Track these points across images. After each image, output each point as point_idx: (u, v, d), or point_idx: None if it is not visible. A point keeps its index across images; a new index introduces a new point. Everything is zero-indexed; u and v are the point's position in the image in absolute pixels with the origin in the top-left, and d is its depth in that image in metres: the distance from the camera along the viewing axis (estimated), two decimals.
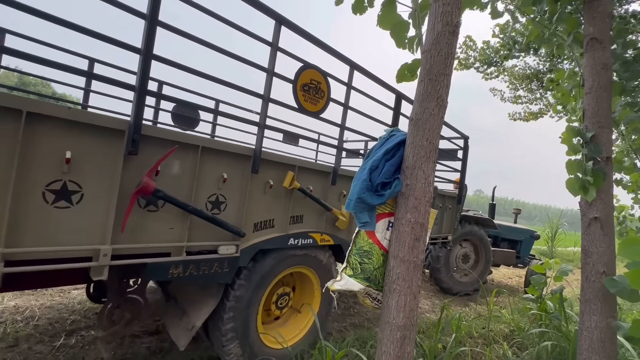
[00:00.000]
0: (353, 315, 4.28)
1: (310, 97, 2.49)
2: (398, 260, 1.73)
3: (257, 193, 2.29)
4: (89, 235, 1.58)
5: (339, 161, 2.82)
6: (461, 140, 5.00)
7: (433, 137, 1.74)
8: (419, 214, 1.72)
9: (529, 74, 8.70)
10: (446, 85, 1.76)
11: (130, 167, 1.68)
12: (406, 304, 1.70)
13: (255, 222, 2.32)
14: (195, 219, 1.94)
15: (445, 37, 1.74)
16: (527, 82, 8.89)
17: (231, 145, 2.09)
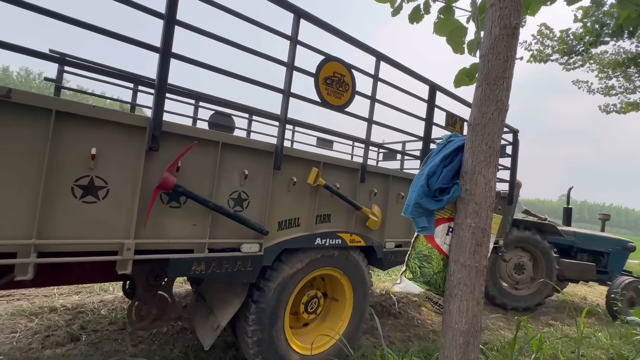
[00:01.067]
0: (417, 325, 4.03)
1: (334, 90, 2.40)
2: (459, 265, 1.74)
3: (280, 190, 2.23)
4: (114, 230, 1.63)
5: (366, 157, 2.66)
6: (510, 135, 4.53)
7: (493, 141, 1.71)
8: (479, 219, 1.71)
9: (624, 59, 7.54)
10: (506, 88, 1.72)
11: (152, 163, 1.71)
12: (469, 310, 1.68)
13: (279, 221, 2.26)
14: (217, 216, 1.93)
15: (503, 40, 1.71)
16: (621, 69, 7.71)
17: (252, 141, 2.07)
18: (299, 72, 2.20)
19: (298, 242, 2.32)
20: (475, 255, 1.71)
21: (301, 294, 2.57)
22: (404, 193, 3.03)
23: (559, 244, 5.87)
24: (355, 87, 2.53)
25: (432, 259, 1.89)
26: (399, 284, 1.99)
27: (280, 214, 2.25)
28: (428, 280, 1.89)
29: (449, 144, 2.01)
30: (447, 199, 1.81)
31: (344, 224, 2.62)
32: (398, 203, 3.04)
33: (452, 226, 1.89)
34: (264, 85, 2.10)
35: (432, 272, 1.88)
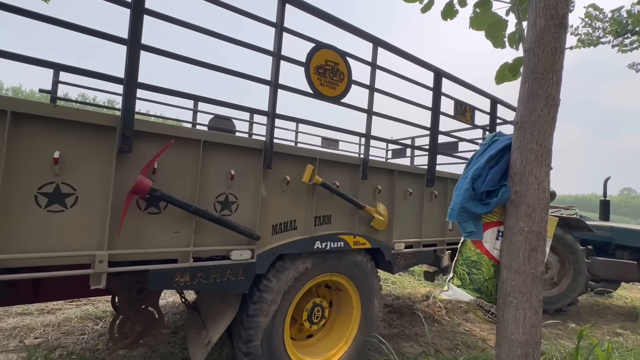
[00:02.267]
0: (464, 333, 3.77)
1: (327, 80, 2.21)
2: (512, 272, 1.65)
3: (272, 191, 2.05)
4: (85, 241, 1.48)
5: (367, 151, 2.45)
6: None
7: (544, 139, 1.63)
8: (533, 222, 1.62)
9: None
10: (556, 82, 1.63)
11: (125, 166, 1.56)
12: (526, 319, 1.59)
13: (274, 224, 2.07)
14: (202, 222, 1.76)
15: (550, 32, 1.61)
16: None
17: (237, 139, 1.90)
18: (287, 61, 2.02)
19: (295, 247, 2.12)
20: (530, 261, 1.61)
21: (303, 303, 2.37)
22: (412, 189, 2.79)
23: (595, 241, 5.39)
24: (352, 76, 2.33)
25: (482, 265, 1.81)
26: (446, 291, 1.91)
27: (274, 217, 2.07)
28: (478, 287, 1.80)
29: (493, 144, 1.91)
30: (496, 201, 1.72)
31: (346, 225, 2.41)
32: (406, 200, 2.81)
33: (502, 230, 1.80)
34: (247, 77, 1.93)
35: (483, 279, 1.79)
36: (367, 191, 2.53)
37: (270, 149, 1.95)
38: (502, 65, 2.44)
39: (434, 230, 3.07)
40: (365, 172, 2.44)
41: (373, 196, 2.58)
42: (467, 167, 1.95)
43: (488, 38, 2.60)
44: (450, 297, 1.88)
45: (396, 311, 4.19)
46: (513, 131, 1.79)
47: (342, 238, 2.34)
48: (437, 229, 3.10)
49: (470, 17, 2.58)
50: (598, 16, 7.19)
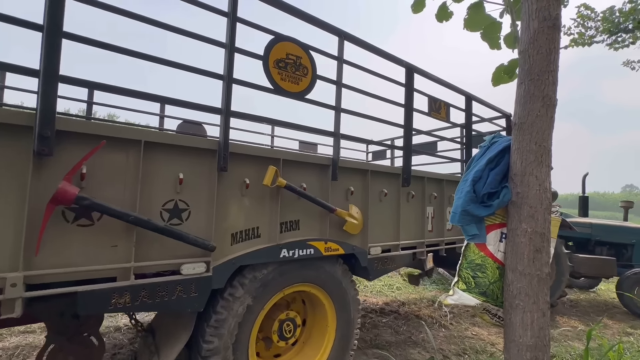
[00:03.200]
0: (472, 337, 3.66)
1: (290, 74, 2.06)
2: (517, 274, 1.65)
3: (230, 196, 1.86)
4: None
5: (337, 151, 2.30)
6: (502, 120, 4.18)
7: (543, 139, 1.63)
8: (536, 223, 1.62)
9: None
10: (552, 82, 1.64)
11: (45, 172, 1.34)
12: (533, 322, 1.58)
13: (233, 233, 1.88)
14: (145, 233, 1.55)
15: (544, 33, 1.63)
16: None
17: (186, 138, 1.71)
18: (241, 54, 1.86)
19: (258, 256, 1.93)
20: (535, 263, 1.60)
21: (271, 318, 2.17)
22: (387, 190, 2.65)
23: (574, 238, 5.39)
24: (316, 71, 2.18)
25: (487, 268, 1.79)
26: (451, 296, 1.88)
27: (233, 225, 1.87)
28: (484, 290, 1.78)
29: (492, 145, 1.91)
30: (497, 203, 1.72)
31: (316, 231, 2.24)
32: (381, 202, 2.67)
33: (505, 232, 1.79)
34: (196, 71, 1.75)
35: (488, 282, 1.78)
36: (338, 193, 2.37)
37: (225, 150, 1.76)
38: (497, 67, 2.45)
39: (413, 232, 2.94)
40: (335, 173, 2.28)
41: (345, 198, 2.42)
42: (467, 170, 1.93)
43: (484, 40, 2.61)
44: (456, 301, 1.85)
45: (402, 317, 4.11)
46: (512, 132, 1.79)
47: (312, 244, 2.17)
48: (416, 230, 2.97)
49: (464, 19, 2.58)
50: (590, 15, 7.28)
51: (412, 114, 2.80)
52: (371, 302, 4.76)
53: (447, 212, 3.31)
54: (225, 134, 1.76)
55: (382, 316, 4.11)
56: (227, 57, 1.78)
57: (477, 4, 2.51)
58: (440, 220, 3.21)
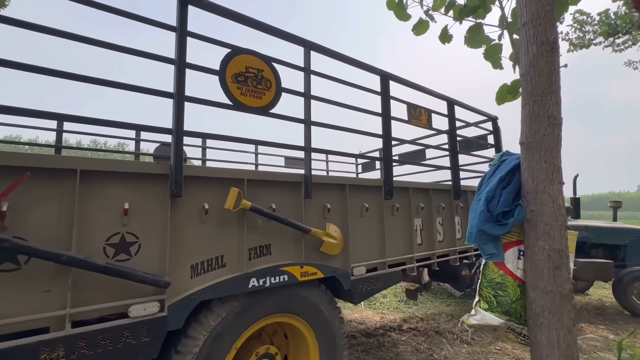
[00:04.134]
0: (496, 353, 3.46)
1: (251, 89, 1.92)
2: (539, 292, 1.65)
3: (187, 224, 1.69)
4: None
5: (309, 166, 2.14)
6: (489, 124, 4.07)
7: (552, 157, 1.67)
8: (553, 240, 1.63)
9: None
10: (555, 102, 1.68)
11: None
12: (560, 340, 1.57)
13: (193, 264, 1.69)
14: (83, 274, 1.37)
15: (543, 57, 1.69)
16: None
17: (128, 163, 1.55)
18: (193, 69, 1.73)
19: (223, 289, 1.74)
20: (556, 280, 1.61)
21: (248, 353, 1.95)
22: (368, 204, 2.49)
23: None
24: (281, 84, 2.06)
25: (507, 287, 1.80)
26: (474, 316, 1.86)
27: (192, 255, 1.69)
28: (507, 309, 1.78)
29: (502, 164, 1.95)
30: (512, 221, 1.73)
31: (291, 254, 2.06)
32: (363, 217, 2.50)
33: (523, 249, 1.80)
34: (144, 90, 1.61)
35: (510, 301, 1.78)
36: (314, 212, 2.20)
37: (178, 174, 1.60)
38: (501, 87, 2.54)
39: (400, 247, 2.75)
40: (307, 190, 2.11)
41: (322, 216, 2.25)
42: (479, 190, 1.96)
43: (487, 59, 2.73)
44: (479, 321, 1.83)
45: (422, 334, 3.96)
46: (520, 151, 1.81)
47: (286, 270, 1.98)
48: (404, 245, 2.79)
49: (464, 37, 2.71)
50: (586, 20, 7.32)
51: (390, 122, 2.67)
52: (388, 319, 4.57)
53: (436, 222, 3.14)
54: (177, 156, 1.61)
55: (400, 334, 3.97)
56: (177, 74, 1.65)
57: (476, 26, 2.66)
58: (429, 233, 3.03)
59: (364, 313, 4.84)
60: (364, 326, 4.25)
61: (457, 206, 3.37)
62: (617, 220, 6.01)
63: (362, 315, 4.76)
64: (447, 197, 3.28)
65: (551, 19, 1.71)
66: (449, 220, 3.26)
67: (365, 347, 3.51)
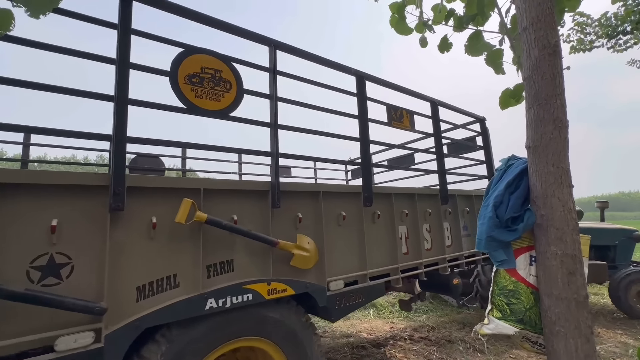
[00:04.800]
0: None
1: (207, 91, 1.78)
2: (553, 299, 1.62)
3: (132, 240, 1.51)
4: None
5: (276, 173, 1.98)
6: (477, 125, 3.93)
7: (560, 160, 1.65)
8: (565, 245, 1.61)
9: None
10: (561, 105, 1.68)
11: None
12: (578, 349, 1.53)
13: (139, 286, 1.51)
14: None
15: (545, 60, 1.69)
16: None
17: (58, 174, 1.38)
18: (138, 70, 1.58)
19: (174, 312, 1.55)
20: (570, 286, 1.57)
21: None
22: (345, 212, 2.32)
23: None
24: (242, 85, 1.91)
25: (520, 294, 1.76)
26: (487, 325, 1.83)
27: (139, 276, 1.51)
28: (521, 317, 1.74)
29: (509, 169, 1.92)
30: (522, 227, 1.70)
31: (256, 270, 1.88)
32: (341, 226, 2.32)
33: (534, 255, 1.77)
34: (79, 94, 1.45)
35: (524, 308, 1.74)
36: (283, 222, 2.03)
37: (119, 185, 1.43)
38: (504, 92, 2.51)
39: (384, 257, 2.57)
40: (275, 199, 1.94)
41: (294, 227, 2.08)
42: (486, 195, 1.94)
43: (488, 65, 2.72)
44: (492, 330, 1.79)
45: (434, 343, 3.81)
46: (527, 155, 1.79)
47: (250, 288, 1.79)
48: (387, 255, 2.60)
49: (465, 45, 2.72)
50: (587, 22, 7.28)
51: (367, 125, 2.52)
52: (399, 328, 4.42)
53: (423, 229, 2.96)
54: (117, 164, 1.44)
55: (412, 343, 3.83)
56: (118, 75, 1.50)
57: (476, 33, 2.67)
58: (416, 241, 2.85)
59: (374, 323, 4.72)
60: (373, 336, 4.13)
61: (446, 211, 3.20)
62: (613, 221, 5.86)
63: (372, 325, 4.63)
64: (434, 203, 3.11)
65: (551, 22, 1.71)
66: (437, 227, 3.09)
67: (376, 358, 3.42)
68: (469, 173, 3.82)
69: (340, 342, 3.91)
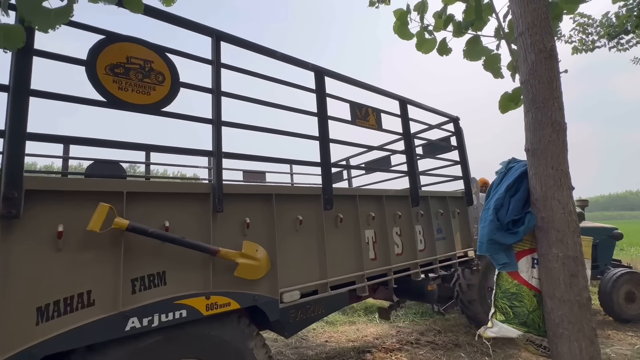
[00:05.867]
0: None
1: (134, 83, 1.59)
2: (556, 301, 1.63)
3: (30, 252, 1.29)
4: None
5: (220, 174, 1.79)
6: (450, 125, 3.84)
7: (559, 163, 1.67)
8: (566, 247, 1.62)
9: None
10: (558, 108, 1.70)
11: None
12: (582, 351, 1.54)
13: (40, 306, 1.29)
14: None
15: (542, 64, 1.72)
16: None
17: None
18: (43, 57, 1.39)
19: (84, 336, 1.33)
20: (572, 288, 1.59)
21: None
22: (302, 216, 2.14)
23: None
24: (179, 77, 1.73)
25: (523, 297, 1.77)
26: (490, 328, 1.83)
27: (40, 294, 1.29)
28: (524, 320, 1.75)
29: (509, 172, 1.94)
30: (523, 229, 1.72)
31: (194, 283, 1.67)
32: (298, 232, 2.14)
33: (536, 257, 1.78)
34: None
35: (527, 311, 1.75)
36: (228, 228, 1.84)
37: (12, 188, 1.23)
38: (503, 95, 2.53)
39: (348, 264, 2.39)
40: (217, 203, 1.75)
41: (241, 234, 1.89)
42: (487, 198, 1.95)
43: (487, 70, 2.73)
44: (496, 334, 1.80)
45: (440, 347, 3.75)
46: (527, 158, 1.81)
47: (184, 304, 1.59)
48: (352, 262, 2.43)
49: (463, 50, 2.74)
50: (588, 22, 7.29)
51: (326, 122, 2.37)
52: (405, 332, 4.32)
53: (393, 233, 2.80)
54: (10, 166, 1.24)
55: (418, 347, 3.78)
56: (15, 62, 1.30)
57: (474, 38, 2.71)
58: (384, 245, 2.69)
59: (379, 327, 4.63)
60: (379, 341, 4.05)
61: (418, 214, 3.06)
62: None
63: (378, 329, 4.56)
64: (405, 205, 2.96)
65: (547, 27, 1.73)
66: (408, 230, 2.93)
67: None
68: (443, 174, 3.70)
69: (346, 347, 3.87)
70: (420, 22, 2.91)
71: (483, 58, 2.72)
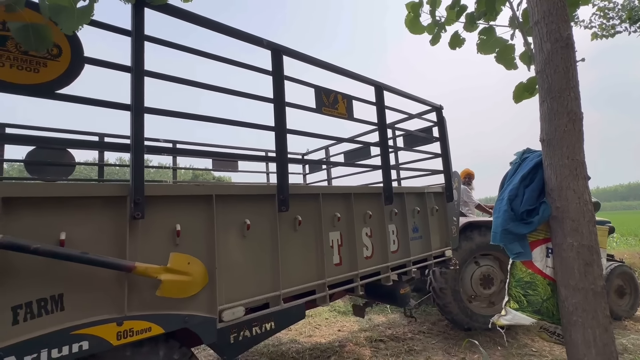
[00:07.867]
0: (533, 354, 3.28)
1: (13, 56, 1.23)
2: (571, 289, 1.64)
3: None
4: None
5: (140, 171, 1.47)
6: (433, 114, 3.54)
7: (575, 153, 1.67)
8: (581, 236, 1.63)
9: None
10: (574, 98, 1.69)
11: None
12: (596, 338, 1.55)
13: None
14: None
15: (558, 53, 1.71)
16: None
17: None
18: None
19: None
20: (587, 277, 1.60)
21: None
22: (250, 219, 1.85)
23: None
24: (82, 51, 1.37)
25: (537, 285, 1.80)
26: (505, 316, 1.85)
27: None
28: (538, 308, 1.79)
29: (523, 162, 1.95)
30: (538, 219, 1.74)
31: (104, 306, 1.38)
32: (246, 238, 1.86)
33: (551, 247, 1.80)
34: None
35: (541, 299, 1.79)
36: (152, 238, 1.53)
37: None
38: (517, 85, 2.47)
39: (307, 272, 2.13)
40: (134, 208, 1.44)
41: (171, 244, 1.58)
42: (501, 189, 1.96)
43: (499, 62, 2.64)
44: (509, 321, 1.82)
45: (452, 337, 3.79)
46: (542, 148, 1.81)
47: (85, 333, 1.29)
48: (311, 269, 2.16)
49: (477, 43, 2.65)
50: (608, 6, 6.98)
51: (284, 110, 2.04)
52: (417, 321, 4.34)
53: (362, 234, 2.55)
54: None
55: (430, 337, 3.83)
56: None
57: (488, 29, 2.60)
58: (351, 248, 2.43)
59: (390, 316, 4.70)
60: (392, 330, 4.12)
61: (391, 212, 2.80)
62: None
63: (389, 318, 4.63)
64: (377, 203, 2.69)
65: (564, 15, 1.70)
66: (379, 231, 2.68)
67: (395, 352, 3.40)
68: (422, 168, 3.44)
69: (359, 337, 3.90)
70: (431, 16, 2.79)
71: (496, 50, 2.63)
